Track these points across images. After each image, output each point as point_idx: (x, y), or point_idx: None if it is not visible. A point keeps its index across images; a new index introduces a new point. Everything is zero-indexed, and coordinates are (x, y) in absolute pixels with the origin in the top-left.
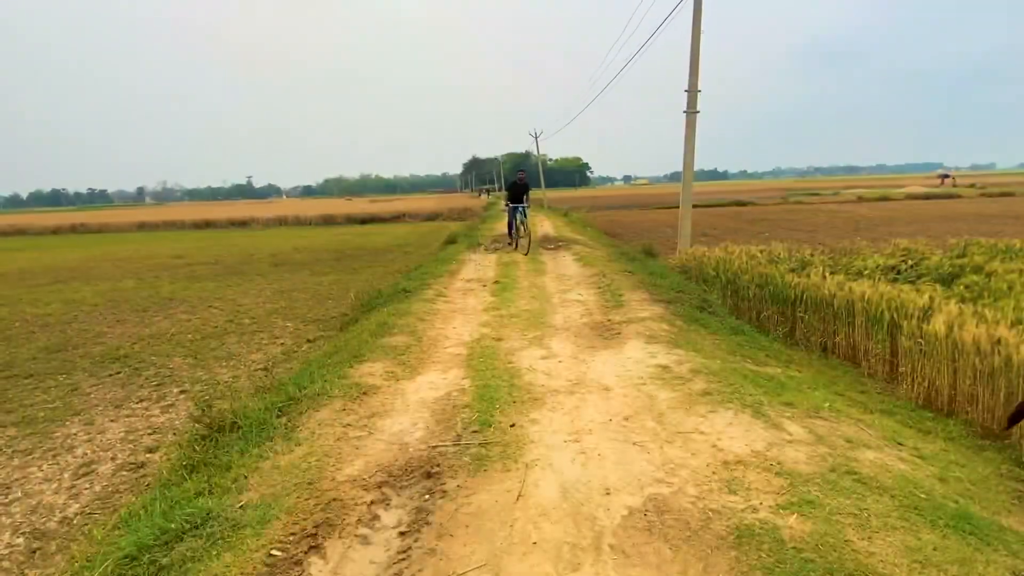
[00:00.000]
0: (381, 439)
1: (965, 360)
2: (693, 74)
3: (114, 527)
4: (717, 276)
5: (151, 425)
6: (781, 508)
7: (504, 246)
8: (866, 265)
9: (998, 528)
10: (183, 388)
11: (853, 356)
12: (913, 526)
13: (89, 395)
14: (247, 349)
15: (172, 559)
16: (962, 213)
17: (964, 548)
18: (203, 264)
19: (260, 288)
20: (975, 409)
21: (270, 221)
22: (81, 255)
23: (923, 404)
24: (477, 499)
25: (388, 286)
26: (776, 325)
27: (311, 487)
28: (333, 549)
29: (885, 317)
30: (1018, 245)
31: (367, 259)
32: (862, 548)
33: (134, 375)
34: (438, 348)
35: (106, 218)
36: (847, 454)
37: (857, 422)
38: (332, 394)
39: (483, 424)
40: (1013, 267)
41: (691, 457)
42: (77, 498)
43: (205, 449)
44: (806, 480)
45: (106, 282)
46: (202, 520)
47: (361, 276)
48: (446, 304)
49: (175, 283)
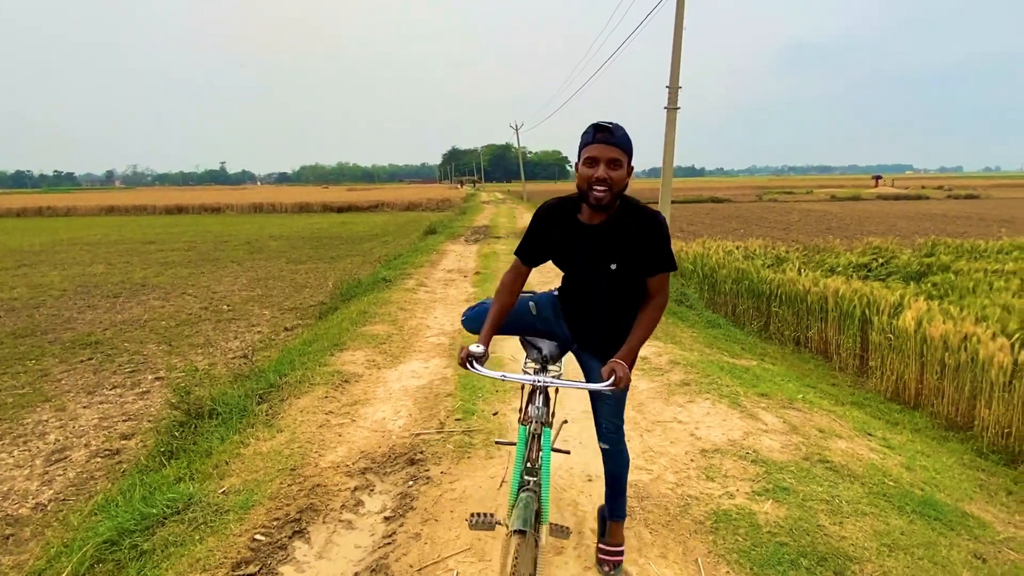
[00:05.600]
0: (364, 426)
1: (932, 355)
2: (674, 71)
3: (91, 513)
4: (695, 271)
5: (125, 412)
6: (757, 494)
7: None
8: (838, 262)
9: (961, 514)
10: (158, 375)
11: (825, 350)
12: (882, 512)
13: (60, 381)
14: (223, 337)
15: (154, 544)
16: (930, 213)
17: (929, 532)
18: (176, 250)
19: (235, 275)
20: (940, 402)
21: (244, 208)
22: (48, 239)
23: (891, 397)
24: (461, 485)
25: (367, 275)
26: (751, 319)
27: (294, 473)
28: (317, 534)
29: (856, 313)
30: (982, 245)
31: (345, 248)
32: (834, 532)
33: (106, 361)
34: (420, 337)
35: (74, 201)
36: (820, 443)
37: (829, 413)
38: (313, 381)
39: (466, 412)
40: (978, 266)
41: (670, 445)
42: (50, 484)
43: (184, 435)
44: (781, 468)
45: (75, 267)
46: (184, 505)
47: (339, 265)
48: (427, 294)
49: (147, 269)
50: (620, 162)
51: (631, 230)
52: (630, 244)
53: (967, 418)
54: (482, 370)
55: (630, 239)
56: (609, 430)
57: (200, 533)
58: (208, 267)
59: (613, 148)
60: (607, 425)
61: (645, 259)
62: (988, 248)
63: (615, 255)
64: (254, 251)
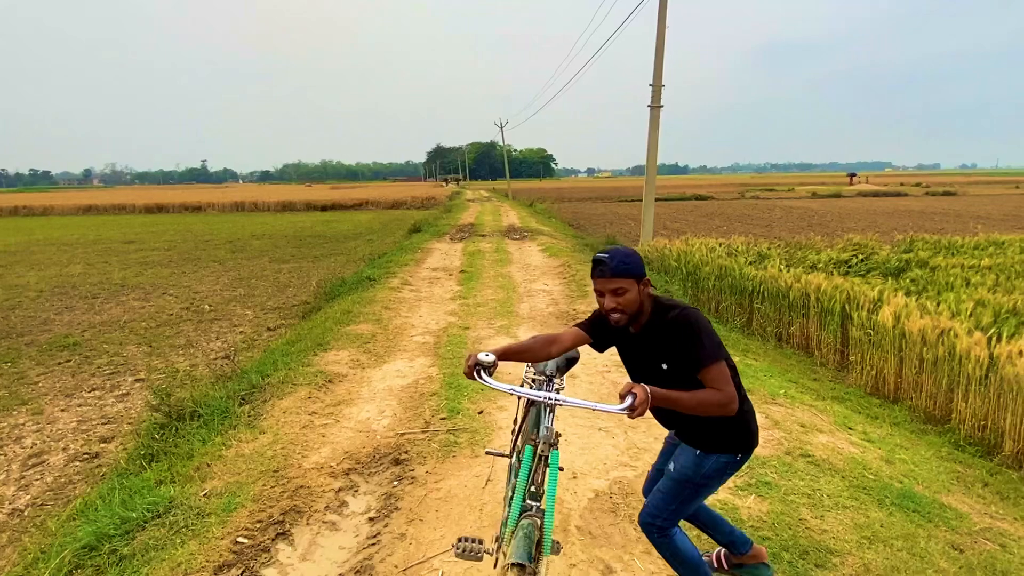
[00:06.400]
0: (348, 427)
1: (911, 350)
2: (658, 69)
3: (69, 518)
4: (678, 268)
5: (105, 415)
6: (740, 489)
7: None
8: (819, 259)
9: (939, 506)
10: (138, 377)
11: (806, 346)
12: (862, 505)
13: (37, 384)
14: (205, 337)
15: (134, 548)
16: (909, 210)
17: (908, 524)
18: (156, 250)
19: (217, 275)
20: (919, 396)
21: (226, 206)
22: (23, 239)
23: (871, 391)
24: (446, 484)
25: (352, 274)
26: (734, 316)
27: (277, 475)
28: (301, 535)
29: (837, 308)
30: (959, 241)
31: (329, 247)
32: (815, 526)
33: (85, 363)
34: (404, 336)
35: (50, 200)
36: (801, 438)
37: (810, 408)
38: (297, 382)
39: (451, 411)
40: (955, 262)
41: (654, 441)
42: (27, 489)
43: (165, 438)
44: (763, 463)
45: (52, 267)
46: (164, 509)
47: (323, 264)
48: (412, 293)
49: (127, 269)
50: (623, 289)
51: (669, 333)
52: (669, 345)
53: (945, 411)
54: (491, 381)
55: (671, 341)
56: (648, 511)
57: (181, 537)
58: (189, 267)
59: (612, 280)
60: (649, 503)
61: (684, 362)
62: (964, 244)
63: (665, 357)
64: (236, 250)
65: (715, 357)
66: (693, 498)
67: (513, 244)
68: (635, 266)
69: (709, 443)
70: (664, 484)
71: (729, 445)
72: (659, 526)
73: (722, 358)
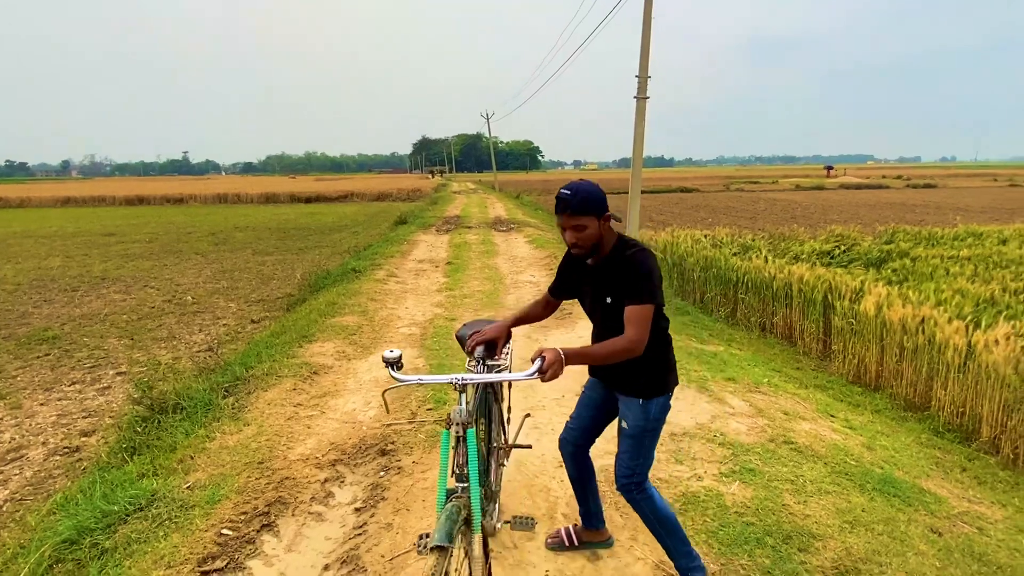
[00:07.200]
0: (334, 418)
1: (892, 338)
2: (644, 59)
3: (49, 512)
4: (664, 259)
5: (86, 408)
6: (724, 476)
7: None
8: (803, 250)
9: (919, 491)
10: (120, 370)
11: (789, 335)
12: (844, 490)
13: (15, 378)
14: (188, 330)
15: (116, 541)
16: (890, 202)
17: (889, 509)
18: (137, 242)
19: (200, 267)
20: (899, 384)
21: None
22: None
23: (853, 380)
24: (433, 474)
25: (336, 266)
26: (719, 306)
27: (262, 466)
28: (287, 527)
29: (819, 298)
30: (939, 232)
31: (313, 239)
32: (798, 511)
33: (65, 357)
34: (390, 328)
35: (27, 192)
36: (784, 425)
37: (793, 396)
38: (281, 374)
39: (437, 402)
40: (935, 252)
41: None
42: (5, 484)
43: (147, 431)
44: (747, 450)
45: (30, 260)
46: (147, 502)
47: (307, 256)
48: (398, 284)
49: (107, 262)
50: (583, 225)
51: (618, 268)
52: (618, 280)
53: (924, 399)
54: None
55: (617, 275)
56: (621, 473)
57: (164, 529)
58: (171, 259)
59: (572, 217)
60: (618, 467)
61: (622, 296)
62: (944, 235)
63: (610, 290)
64: (219, 243)
65: (646, 299)
66: (652, 443)
67: (499, 236)
68: (595, 204)
69: (647, 390)
70: (624, 444)
71: (663, 386)
72: (636, 482)
73: (652, 304)
